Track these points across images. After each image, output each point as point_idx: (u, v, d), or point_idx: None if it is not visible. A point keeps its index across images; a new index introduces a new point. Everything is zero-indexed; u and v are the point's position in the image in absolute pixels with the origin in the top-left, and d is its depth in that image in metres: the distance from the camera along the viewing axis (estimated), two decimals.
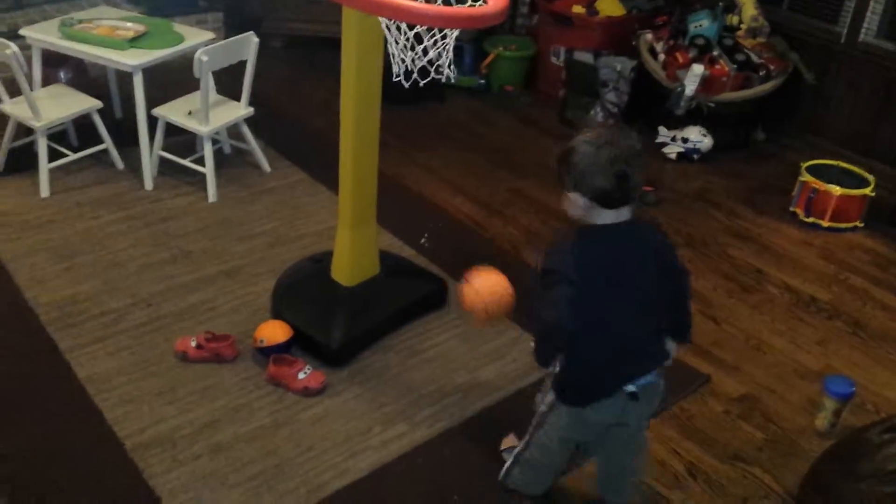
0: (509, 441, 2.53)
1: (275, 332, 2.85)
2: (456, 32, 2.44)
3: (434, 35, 2.43)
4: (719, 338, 3.19)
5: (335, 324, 2.90)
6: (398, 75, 2.47)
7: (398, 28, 2.40)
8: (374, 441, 2.58)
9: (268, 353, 2.81)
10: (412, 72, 2.48)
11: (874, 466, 2.29)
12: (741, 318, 3.32)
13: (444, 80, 2.58)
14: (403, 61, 2.44)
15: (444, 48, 2.49)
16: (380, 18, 2.40)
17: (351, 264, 2.98)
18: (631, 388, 2.05)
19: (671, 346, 2.18)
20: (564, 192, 2.01)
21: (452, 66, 2.52)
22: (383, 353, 2.94)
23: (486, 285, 2.16)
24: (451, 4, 2.46)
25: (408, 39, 2.48)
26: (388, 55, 2.49)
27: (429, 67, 2.51)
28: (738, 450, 2.68)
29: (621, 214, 1.98)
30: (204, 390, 2.71)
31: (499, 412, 2.73)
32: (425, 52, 2.47)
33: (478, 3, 2.40)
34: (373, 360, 2.90)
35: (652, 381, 2.09)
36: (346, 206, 2.91)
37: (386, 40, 2.49)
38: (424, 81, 2.53)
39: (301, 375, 2.73)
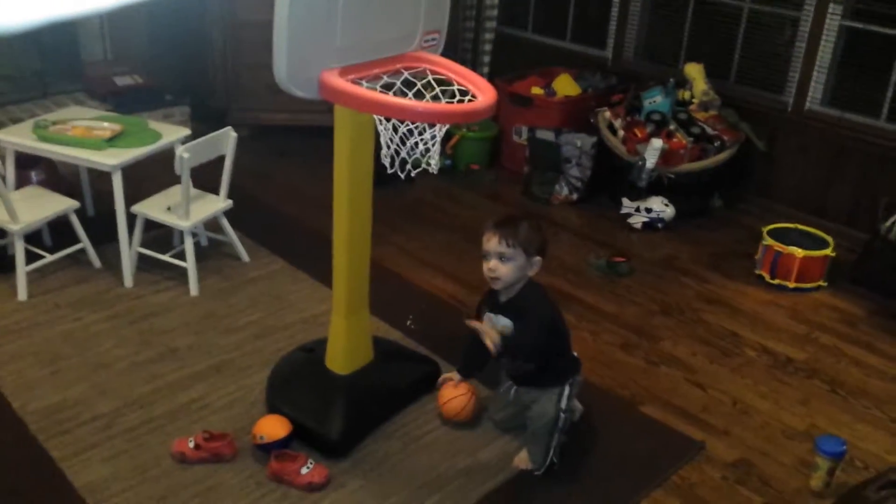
0: (522, 461, 2.85)
1: (274, 427, 2.82)
2: (446, 127, 2.54)
3: (424, 130, 2.54)
4: (708, 403, 3.27)
5: (334, 414, 2.89)
6: (391, 167, 2.56)
7: (393, 125, 2.49)
8: None
9: (268, 450, 2.77)
10: (405, 161, 2.58)
11: None
12: (725, 383, 3.41)
13: (431, 170, 2.68)
14: (398, 153, 2.53)
15: (432, 141, 2.59)
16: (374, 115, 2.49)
17: (346, 353, 2.99)
18: None
19: None
20: (532, 258, 2.63)
21: (438, 156, 2.63)
22: (384, 440, 2.94)
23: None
24: (438, 100, 2.57)
25: (397, 132, 2.58)
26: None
27: (421, 157, 2.61)
28: None
29: None
30: (206, 492, 2.66)
31: (504, 495, 2.73)
32: (416, 144, 2.57)
33: (466, 99, 2.51)
34: (374, 449, 2.89)
35: None
36: (340, 295, 2.93)
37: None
38: (416, 171, 2.63)
39: (304, 471, 2.70)
